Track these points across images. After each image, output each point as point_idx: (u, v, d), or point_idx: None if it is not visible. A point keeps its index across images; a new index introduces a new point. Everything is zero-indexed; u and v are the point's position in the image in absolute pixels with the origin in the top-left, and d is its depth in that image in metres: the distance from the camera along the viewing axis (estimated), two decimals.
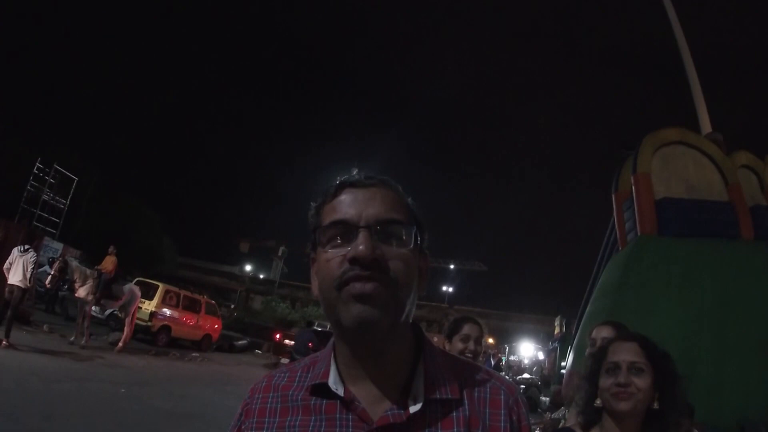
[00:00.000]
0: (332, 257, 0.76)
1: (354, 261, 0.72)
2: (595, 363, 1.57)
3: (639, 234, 7.86)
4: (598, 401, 1.53)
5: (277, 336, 20.87)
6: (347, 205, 0.79)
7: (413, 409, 0.75)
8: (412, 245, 0.78)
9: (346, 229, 0.76)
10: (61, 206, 18.84)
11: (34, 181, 17.68)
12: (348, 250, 0.74)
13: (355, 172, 0.82)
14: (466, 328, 2.67)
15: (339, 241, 0.77)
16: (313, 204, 0.86)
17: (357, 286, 0.72)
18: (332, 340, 0.86)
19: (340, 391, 0.77)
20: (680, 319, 6.04)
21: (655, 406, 1.47)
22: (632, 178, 8.29)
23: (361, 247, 0.72)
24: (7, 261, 8.88)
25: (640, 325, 6.15)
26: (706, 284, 6.19)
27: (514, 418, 0.80)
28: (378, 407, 0.76)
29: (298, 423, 0.77)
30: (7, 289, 8.78)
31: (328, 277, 0.76)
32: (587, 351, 2.28)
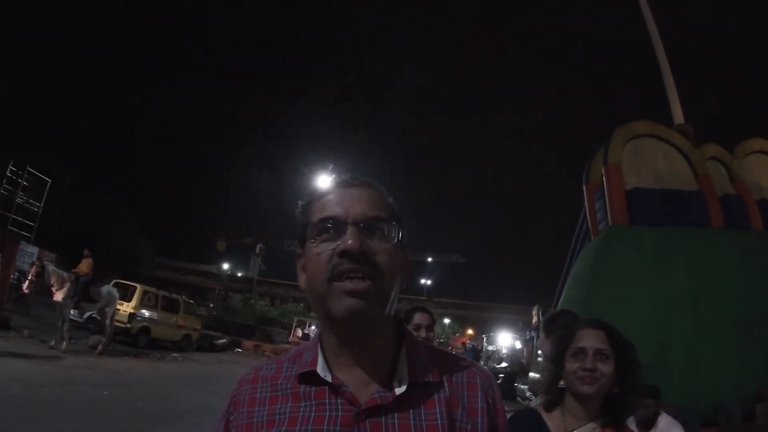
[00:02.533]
0: (322, 251, 0.81)
1: (343, 254, 0.78)
2: (561, 346, 1.65)
3: (610, 224, 8.07)
4: (561, 383, 1.63)
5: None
6: (335, 203, 0.84)
7: (398, 391, 0.80)
8: (395, 240, 0.84)
9: (335, 225, 0.82)
10: (35, 209, 18.36)
11: (7, 184, 17.18)
12: (337, 244, 0.80)
13: (331, 168, 0.91)
14: (417, 318, 2.80)
15: (328, 237, 0.82)
16: (300, 203, 0.91)
17: (348, 284, 0.77)
18: (318, 330, 0.91)
19: (329, 378, 0.82)
20: (653, 306, 6.26)
21: (615, 390, 1.56)
22: (603, 169, 8.49)
23: (350, 242, 0.78)
24: None
25: (614, 312, 6.41)
26: (678, 272, 6.41)
27: (490, 400, 0.87)
28: (365, 391, 0.81)
29: (288, 409, 0.82)
30: None
31: (318, 270, 0.81)
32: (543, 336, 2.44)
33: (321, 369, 0.83)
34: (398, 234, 0.86)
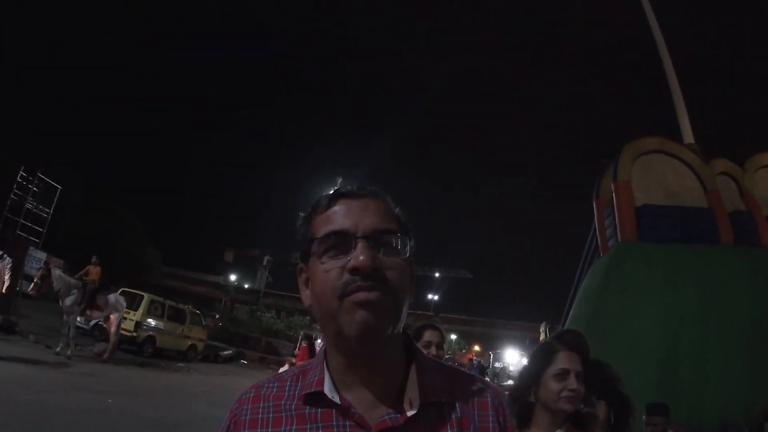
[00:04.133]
0: (331, 268, 0.76)
1: (355, 271, 0.74)
2: (541, 365, 1.75)
3: (620, 240, 8.02)
4: (532, 397, 1.73)
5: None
6: (342, 215, 0.80)
7: (410, 412, 0.76)
8: (406, 255, 0.80)
9: (343, 240, 0.77)
10: (45, 215, 18.53)
11: (17, 189, 17.38)
12: (346, 260, 0.75)
13: (340, 182, 0.87)
14: (427, 335, 2.77)
15: (337, 252, 0.77)
16: (302, 214, 0.87)
17: (361, 295, 0.73)
18: (322, 348, 0.87)
19: (336, 399, 0.78)
20: (661, 322, 6.19)
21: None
22: (613, 185, 8.46)
23: (362, 257, 0.74)
24: None
25: (622, 328, 6.34)
26: (687, 288, 6.34)
27: (501, 418, 0.84)
28: (374, 412, 0.77)
29: None
30: None
31: (327, 287, 0.76)
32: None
33: (328, 389, 0.79)
34: (407, 247, 0.82)
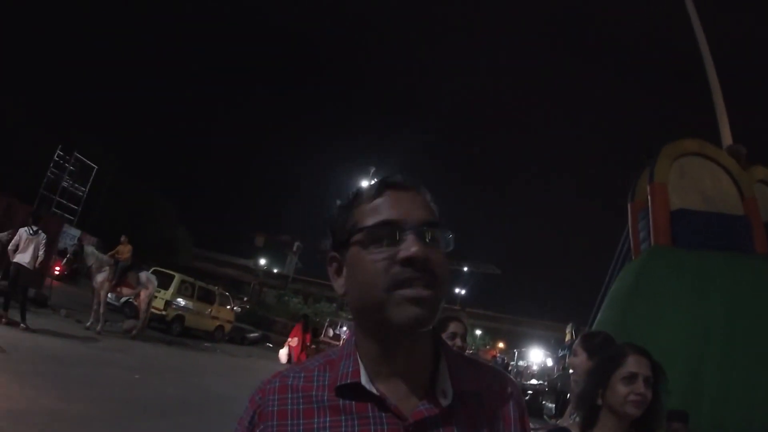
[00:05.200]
0: (379, 258, 0.76)
1: (408, 263, 0.73)
2: (609, 368, 1.75)
3: (653, 244, 7.82)
4: (598, 400, 1.75)
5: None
6: (390, 206, 0.80)
7: (444, 402, 0.77)
8: (450, 248, 0.80)
9: (392, 231, 0.77)
10: (80, 194, 19.12)
11: (54, 167, 17.94)
12: (396, 250, 0.75)
13: (373, 172, 0.85)
14: (453, 326, 2.81)
15: (386, 242, 0.77)
16: (339, 202, 0.87)
17: (413, 291, 0.73)
18: (351, 339, 0.86)
19: (374, 390, 0.77)
20: (689, 331, 6.01)
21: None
22: (649, 187, 8.22)
23: (414, 249, 0.73)
24: (12, 242, 8.75)
25: (649, 334, 6.18)
26: (715, 297, 6.14)
27: (518, 407, 0.86)
28: (408, 403, 0.77)
29: (327, 424, 0.76)
30: (12, 267, 8.66)
31: (374, 277, 0.75)
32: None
33: (365, 381, 0.78)
34: (450, 242, 0.82)
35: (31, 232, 8.86)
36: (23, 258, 8.66)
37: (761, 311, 5.86)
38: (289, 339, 15.41)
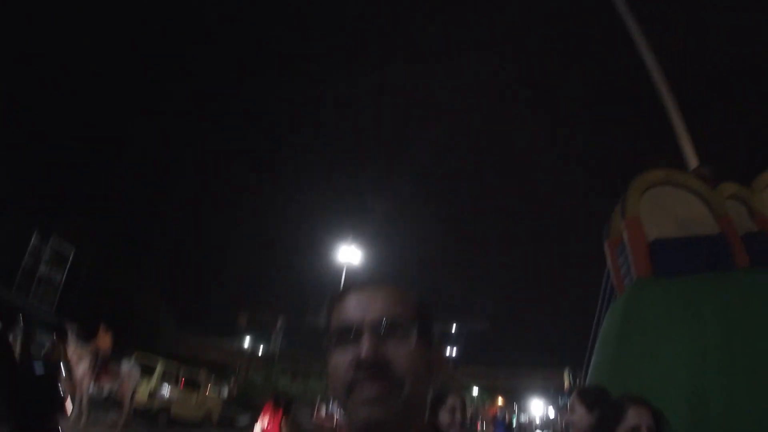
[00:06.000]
0: (340, 361, 0.79)
1: (359, 364, 0.76)
2: (611, 424, 1.77)
3: (635, 278, 7.89)
4: None
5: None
6: (352, 308, 0.82)
7: None
8: (416, 343, 0.80)
9: (351, 333, 0.79)
10: (58, 280, 18.73)
11: (30, 254, 17.62)
12: (354, 353, 0.77)
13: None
14: (450, 401, 2.75)
15: (346, 345, 0.79)
16: (321, 307, 0.90)
17: (364, 392, 0.74)
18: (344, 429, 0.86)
19: None
20: (685, 357, 5.98)
21: None
22: (622, 223, 8.40)
23: (364, 351, 0.75)
24: None
25: (647, 369, 6.13)
26: (707, 319, 6.17)
27: None
28: None
29: None
30: None
31: (337, 380, 0.79)
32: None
33: None
34: (421, 333, 0.82)
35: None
36: None
37: (754, 324, 5.89)
38: (260, 420, 14.80)
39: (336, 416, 32.31)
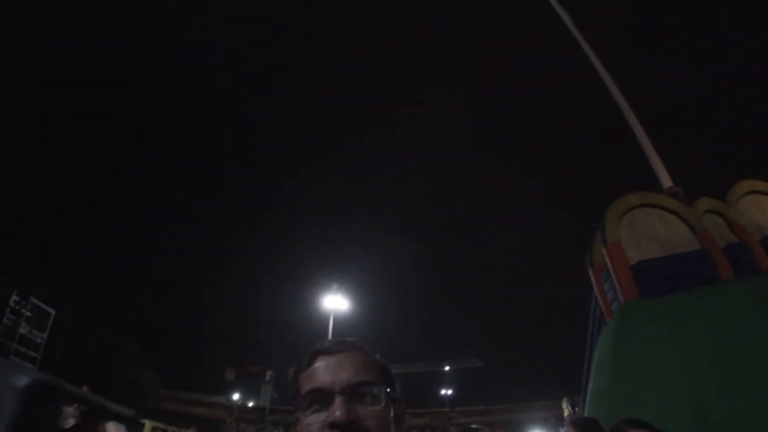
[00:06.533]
0: (312, 422, 0.81)
1: (333, 426, 0.78)
2: None
3: (622, 302, 7.92)
4: None
5: None
6: (321, 372, 0.85)
7: None
8: (384, 402, 0.84)
9: (323, 396, 0.83)
10: (39, 340, 18.20)
11: (10, 314, 17.15)
12: (326, 414, 0.80)
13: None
14: None
15: (317, 407, 0.82)
16: (291, 369, 0.94)
17: None
18: None
19: None
20: (683, 373, 5.96)
21: None
22: (604, 249, 8.49)
23: (337, 413, 0.78)
24: None
25: (643, 391, 6.08)
26: (698, 334, 6.18)
27: None
28: None
29: None
30: None
31: None
32: None
33: None
34: (386, 394, 0.86)
35: None
36: None
37: (745, 333, 5.90)
38: None
39: None
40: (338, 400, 0.79)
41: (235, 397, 48.12)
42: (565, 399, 21.21)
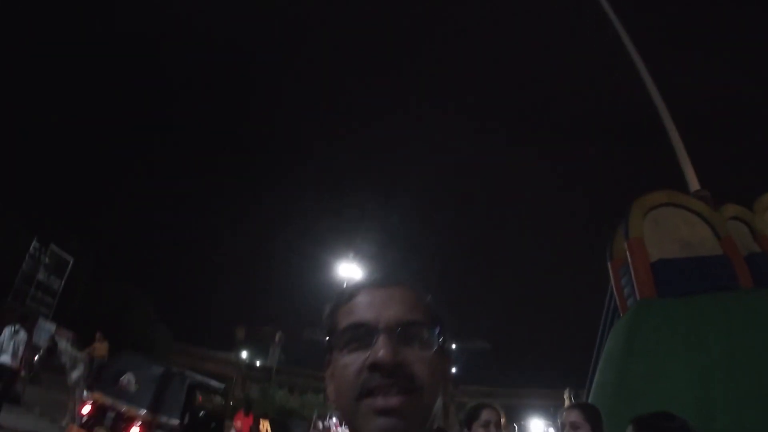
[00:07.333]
0: (350, 363, 0.71)
1: (374, 367, 0.68)
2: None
3: (638, 299, 7.83)
4: None
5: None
6: (365, 307, 0.75)
7: None
8: (435, 347, 0.73)
9: (365, 333, 0.72)
10: (56, 287, 18.67)
11: (29, 260, 17.59)
12: (367, 355, 0.70)
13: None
14: (485, 414, 2.67)
15: (357, 346, 0.72)
16: (327, 305, 0.82)
17: (380, 401, 0.66)
18: None
19: None
20: (690, 378, 5.90)
21: None
22: (625, 244, 8.36)
23: (381, 352, 0.68)
24: None
25: (651, 390, 6.03)
26: (712, 338, 6.10)
27: None
28: None
29: None
30: None
31: (345, 384, 0.70)
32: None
33: None
34: (439, 340, 0.75)
35: (14, 330, 8.65)
36: (3, 357, 8.40)
37: (759, 344, 5.81)
38: (234, 421, 14.80)
39: (332, 430, 31.97)
40: (383, 338, 0.69)
41: (244, 355, 49.17)
42: (567, 390, 21.23)
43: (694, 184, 9.49)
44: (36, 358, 10.76)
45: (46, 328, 17.17)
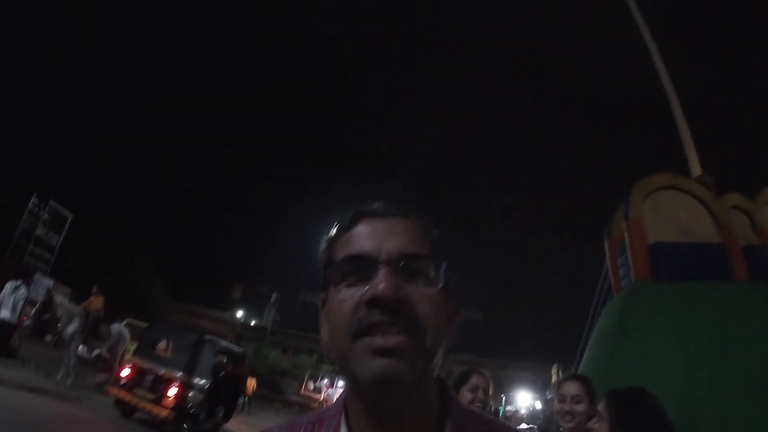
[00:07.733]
0: (346, 298, 0.64)
1: (373, 303, 0.61)
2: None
3: (633, 280, 7.85)
4: None
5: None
6: (365, 237, 0.68)
7: None
8: (441, 284, 0.67)
9: (364, 266, 0.65)
10: (54, 243, 18.76)
11: (28, 216, 17.63)
12: (365, 289, 0.63)
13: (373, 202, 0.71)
14: (474, 379, 2.68)
15: (355, 280, 0.65)
16: (323, 237, 0.74)
17: (378, 340, 0.60)
18: (342, 395, 0.74)
19: None
20: (679, 363, 5.97)
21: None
22: (624, 224, 8.34)
23: (381, 286, 0.61)
24: None
25: (639, 371, 6.12)
26: (704, 327, 6.14)
27: None
28: None
29: None
30: None
31: (340, 322, 0.64)
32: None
33: None
34: (445, 277, 0.68)
35: (14, 286, 8.80)
36: (3, 312, 8.54)
37: (749, 337, 5.86)
38: None
39: (323, 390, 32.66)
40: (383, 272, 0.62)
41: (239, 314, 49.74)
42: (555, 365, 21.58)
43: (696, 169, 9.43)
44: (33, 311, 10.88)
45: (44, 283, 17.29)
